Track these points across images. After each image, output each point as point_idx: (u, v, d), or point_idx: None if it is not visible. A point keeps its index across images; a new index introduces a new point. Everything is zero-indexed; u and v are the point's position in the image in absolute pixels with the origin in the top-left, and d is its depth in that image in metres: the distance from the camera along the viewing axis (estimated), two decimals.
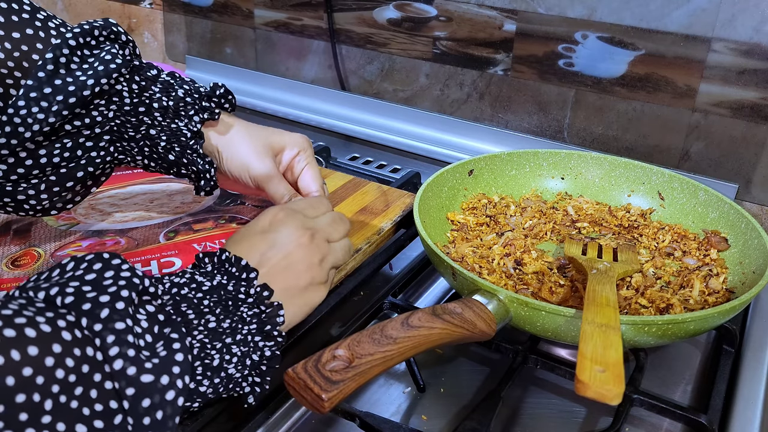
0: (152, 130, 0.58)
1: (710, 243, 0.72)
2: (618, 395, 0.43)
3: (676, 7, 0.85)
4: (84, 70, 0.53)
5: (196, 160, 0.61)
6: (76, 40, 0.54)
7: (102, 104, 0.55)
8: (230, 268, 0.50)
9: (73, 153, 0.55)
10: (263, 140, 0.64)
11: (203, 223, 0.74)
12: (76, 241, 0.69)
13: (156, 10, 1.36)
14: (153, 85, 0.58)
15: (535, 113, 1.00)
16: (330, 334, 0.65)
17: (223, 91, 0.62)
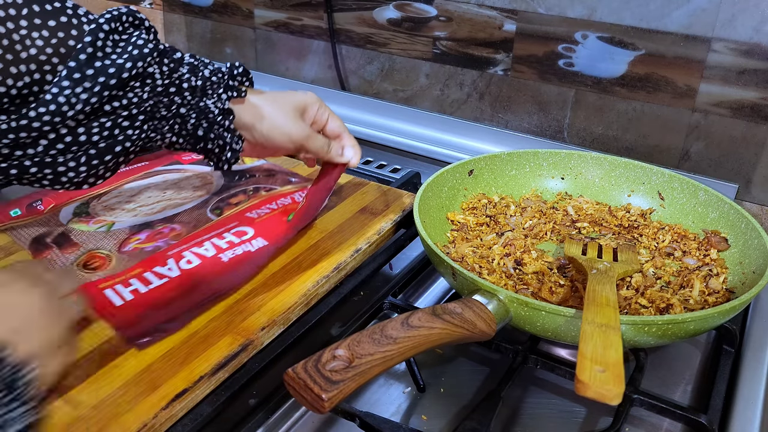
0: (182, 108, 0.61)
1: (710, 243, 0.72)
2: (618, 395, 0.43)
3: (676, 7, 0.85)
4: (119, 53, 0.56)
5: (224, 134, 0.64)
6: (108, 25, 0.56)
7: (137, 86, 0.57)
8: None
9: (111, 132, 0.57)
10: (290, 105, 0.69)
11: (237, 197, 0.78)
12: (133, 236, 0.71)
13: (156, 10, 1.36)
14: (180, 67, 0.61)
15: (535, 113, 1.00)
16: (330, 334, 0.65)
17: (242, 70, 0.67)
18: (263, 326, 0.59)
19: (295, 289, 0.64)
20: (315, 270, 0.67)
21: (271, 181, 0.82)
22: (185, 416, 0.51)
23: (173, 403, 0.50)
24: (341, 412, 0.54)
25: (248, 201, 0.78)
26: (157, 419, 0.49)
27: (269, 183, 0.82)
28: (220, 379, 0.54)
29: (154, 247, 0.69)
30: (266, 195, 0.79)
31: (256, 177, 0.83)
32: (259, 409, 0.55)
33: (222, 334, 0.57)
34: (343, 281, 0.68)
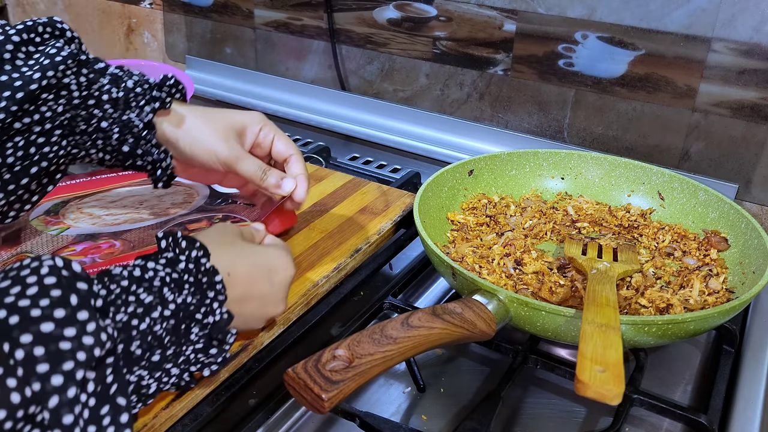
0: (103, 122, 0.57)
1: (710, 243, 0.72)
2: (618, 395, 0.43)
3: (676, 7, 0.85)
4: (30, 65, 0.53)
5: (151, 150, 0.60)
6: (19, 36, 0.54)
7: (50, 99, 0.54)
8: (201, 278, 0.48)
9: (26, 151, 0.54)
10: (223, 122, 0.62)
11: (198, 223, 0.73)
12: (70, 246, 0.68)
13: (156, 10, 1.36)
14: (101, 78, 0.57)
15: (535, 113, 1.00)
16: (330, 334, 0.65)
17: (173, 82, 0.61)
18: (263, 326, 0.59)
19: (295, 289, 0.64)
20: (315, 270, 0.67)
21: (246, 212, 0.75)
22: (185, 416, 0.51)
23: (173, 403, 0.50)
24: (341, 412, 0.54)
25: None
26: (157, 419, 0.49)
27: (243, 213, 0.75)
28: (220, 379, 0.54)
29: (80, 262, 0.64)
30: None
31: (237, 204, 0.77)
32: (259, 409, 0.55)
33: None
34: (343, 281, 0.68)
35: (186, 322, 0.46)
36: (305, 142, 1.10)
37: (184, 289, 0.46)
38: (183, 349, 0.46)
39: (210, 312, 0.47)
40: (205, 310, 0.47)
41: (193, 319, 0.46)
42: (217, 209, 0.76)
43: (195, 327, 0.47)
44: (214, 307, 0.47)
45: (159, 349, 0.44)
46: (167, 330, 0.45)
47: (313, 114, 1.15)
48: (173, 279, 0.46)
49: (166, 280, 0.46)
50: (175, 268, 0.47)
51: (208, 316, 0.47)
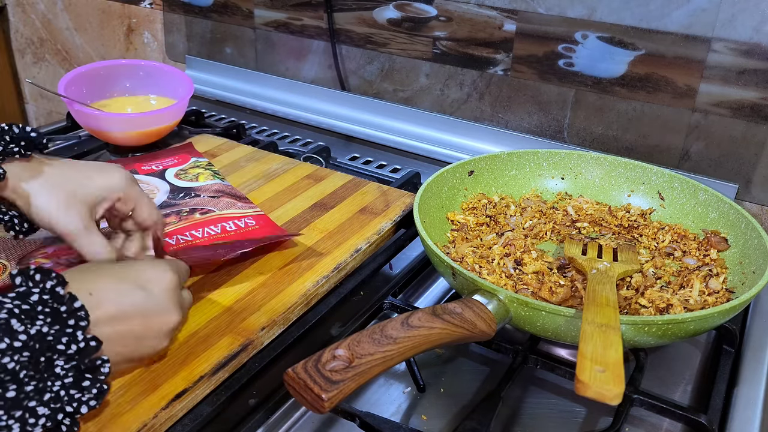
0: None
1: (710, 243, 0.72)
2: (618, 395, 0.43)
3: (676, 7, 0.85)
4: None
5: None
6: None
7: None
8: (59, 307, 0.43)
9: None
10: (71, 190, 0.56)
11: (166, 218, 0.72)
12: (40, 249, 0.66)
13: (156, 10, 1.36)
14: None
15: (535, 113, 1.00)
16: (330, 334, 0.65)
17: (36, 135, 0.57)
18: (263, 326, 0.59)
19: (295, 289, 0.64)
20: (315, 270, 0.67)
21: (213, 203, 0.75)
22: (185, 416, 0.51)
23: (173, 403, 0.50)
24: (341, 412, 0.54)
25: (177, 224, 0.71)
26: (157, 419, 0.49)
27: (210, 205, 0.74)
28: (220, 379, 0.54)
29: (53, 264, 0.62)
30: (199, 219, 0.72)
31: (201, 197, 0.76)
32: (259, 409, 0.55)
33: (222, 334, 0.57)
34: (343, 281, 0.69)
35: (46, 354, 0.41)
36: (305, 142, 1.10)
37: (37, 320, 0.42)
38: (48, 385, 0.41)
39: (73, 340, 0.42)
40: (67, 340, 0.42)
41: (55, 351, 0.42)
42: (181, 203, 0.75)
43: (59, 359, 0.42)
44: (77, 335, 0.43)
45: (13, 384, 0.40)
46: (21, 363, 0.40)
47: (313, 114, 1.15)
48: (23, 310, 0.42)
49: (15, 311, 0.41)
50: (27, 300, 0.42)
51: (71, 345, 0.42)
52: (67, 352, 0.42)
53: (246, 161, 0.90)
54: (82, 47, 1.55)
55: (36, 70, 1.68)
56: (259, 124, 1.16)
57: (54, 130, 1.07)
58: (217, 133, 1.03)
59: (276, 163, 0.90)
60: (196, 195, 0.77)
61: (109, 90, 1.05)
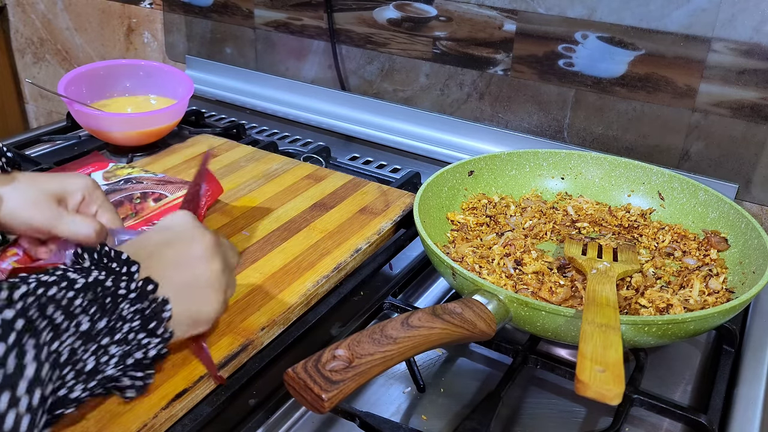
0: None
1: (710, 243, 0.72)
2: (618, 395, 0.43)
3: (676, 7, 0.85)
4: None
5: None
6: None
7: None
8: (110, 263, 0.46)
9: None
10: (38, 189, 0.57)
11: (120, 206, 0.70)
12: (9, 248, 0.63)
13: (156, 10, 1.36)
14: None
15: (535, 113, 1.00)
16: (330, 334, 0.65)
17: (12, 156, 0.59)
18: (263, 326, 0.59)
19: (295, 289, 0.64)
20: (315, 270, 0.67)
21: (161, 187, 0.73)
22: (185, 416, 0.51)
23: (173, 403, 0.50)
24: (341, 412, 0.54)
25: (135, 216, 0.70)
26: (157, 419, 0.49)
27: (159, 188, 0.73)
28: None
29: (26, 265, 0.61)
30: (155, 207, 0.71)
31: (144, 183, 0.75)
32: (259, 409, 0.55)
33: (222, 334, 0.57)
34: (343, 281, 0.69)
35: (109, 297, 0.44)
36: (305, 142, 1.10)
37: (92, 272, 0.45)
38: (118, 326, 0.44)
39: (131, 282, 0.46)
40: (125, 284, 0.45)
41: (117, 295, 0.45)
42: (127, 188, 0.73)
43: (123, 302, 0.45)
44: (133, 277, 0.46)
45: (86, 317, 0.42)
46: (88, 300, 0.43)
47: (313, 114, 1.15)
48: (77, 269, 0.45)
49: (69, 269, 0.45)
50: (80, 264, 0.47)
51: (131, 287, 0.45)
52: (128, 296, 0.45)
53: (246, 161, 0.90)
54: (82, 47, 1.55)
55: (36, 70, 1.68)
56: (259, 124, 1.16)
57: (54, 130, 1.07)
58: (217, 133, 1.03)
59: (276, 163, 0.90)
60: (138, 182, 0.75)
61: (109, 90, 1.05)
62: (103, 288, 0.44)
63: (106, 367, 0.44)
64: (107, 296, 0.44)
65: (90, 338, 0.42)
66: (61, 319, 0.41)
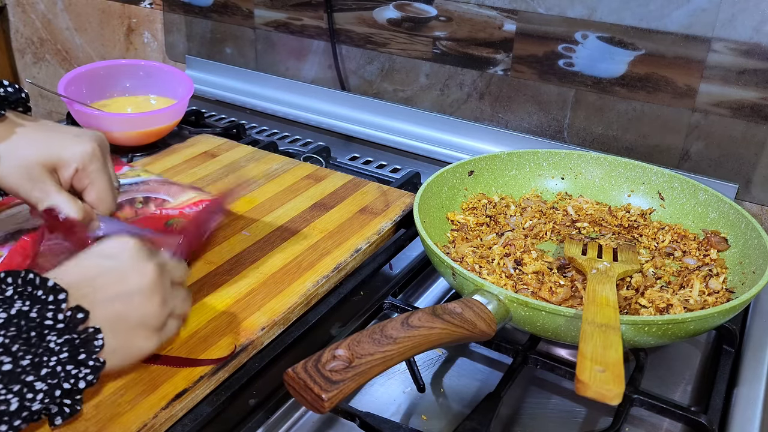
0: None
1: (710, 243, 0.72)
2: (618, 395, 0.44)
3: (676, 7, 0.85)
4: None
5: None
6: None
7: None
8: (35, 291, 0.42)
9: None
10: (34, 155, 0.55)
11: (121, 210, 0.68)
12: None
13: (156, 10, 1.36)
14: None
15: (535, 113, 1.00)
16: (330, 334, 0.65)
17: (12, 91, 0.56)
18: (263, 326, 0.59)
19: (295, 289, 0.64)
20: (315, 270, 0.67)
21: (164, 189, 0.71)
22: (185, 416, 0.51)
23: (173, 403, 0.50)
24: (341, 412, 0.54)
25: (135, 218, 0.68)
26: (157, 419, 0.49)
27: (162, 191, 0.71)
28: (220, 379, 0.54)
29: None
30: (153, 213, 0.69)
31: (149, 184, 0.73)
32: (259, 409, 0.55)
33: (222, 334, 0.57)
34: (343, 281, 0.69)
35: (36, 330, 0.41)
36: (305, 142, 1.10)
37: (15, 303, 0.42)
38: (44, 360, 0.41)
39: (57, 311, 0.42)
40: (52, 314, 0.42)
41: (43, 326, 0.41)
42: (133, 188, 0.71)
43: (51, 334, 0.42)
44: (61, 307, 0.42)
45: (8, 357, 0.40)
46: (10, 338, 0.40)
47: (313, 114, 1.15)
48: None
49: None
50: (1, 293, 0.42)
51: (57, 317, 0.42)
52: (56, 326, 0.42)
53: (246, 161, 0.90)
54: (82, 47, 1.55)
55: (36, 70, 1.68)
56: (259, 124, 1.16)
57: None
58: (217, 133, 1.03)
59: (276, 163, 0.90)
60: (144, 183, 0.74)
61: (109, 90, 1.05)
62: (27, 320, 0.41)
63: (32, 404, 0.41)
64: (32, 329, 0.41)
65: (13, 378, 0.40)
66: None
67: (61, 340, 0.42)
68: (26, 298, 0.42)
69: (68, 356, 0.42)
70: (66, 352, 0.42)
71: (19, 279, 0.43)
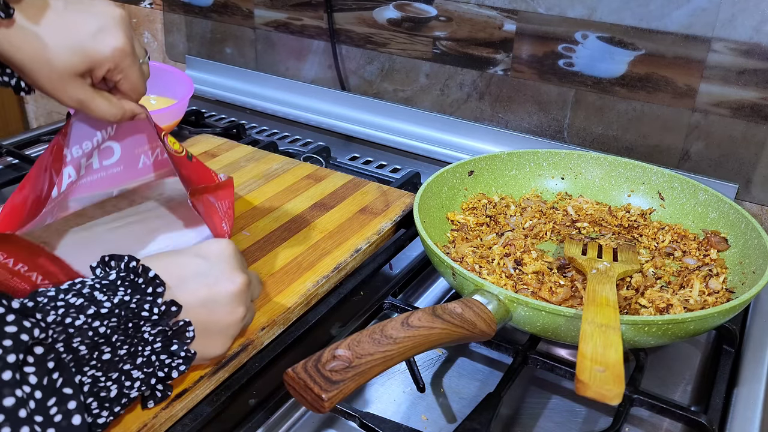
0: None
1: (710, 243, 0.72)
2: (618, 395, 0.43)
3: (676, 7, 0.85)
4: None
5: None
6: None
7: None
8: (136, 279, 0.46)
9: None
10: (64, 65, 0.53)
11: None
12: None
13: (156, 10, 1.36)
14: None
15: (535, 113, 1.00)
16: (330, 334, 0.65)
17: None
18: (263, 326, 0.59)
19: (295, 289, 0.64)
20: (315, 270, 0.67)
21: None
22: (185, 416, 0.51)
23: (173, 403, 0.50)
24: (341, 412, 0.54)
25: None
26: (157, 419, 0.49)
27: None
28: (220, 379, 0.54)
29: None
30: None
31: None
32: (259, 409, 0.55)
33: None
34: (343, 281, 0.69)
35: (133, 320, 0.44)
36: (305, 142, 1.10)
37: (118, 290, 0.44)
38: (140, 350, 0.44)
39: (154, 305, 0.45)
40: (149, 306, 0.45)
41: (140, 317, 0.44)
42: None
43: (146, 325, 0.45)
44: (157, 300, 0.45)
45: (108, 347, 0.42)
46: (111, 328, 0.43)
47: (313, 114, 1.15)
48: (104, 285, 0.45)
49: (96, 285, 0.44)
50: (106, 277, 0.46)
51: (153, 310, 0.45)
52: (151, 318, 0.45)
53: (246, 161, 0.90)
54: None
55: None
56: (259, 124, 1.16)
57: (54, 130, 1.07)
58: (217, 133, 1.03)
59: (276, 163, 0.90)
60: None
61: None
62: (126, 311, 0.44)
63: (130, 391, 0.44)
64: (130, 320, 0.44)
65: (112, 366, 0.43)
66: (85, 351, 0.41)
67: (155, 330, 0.45)
68: (128, 286, 0.45)
69: (161, 346, 0.45)
70: (159, 342, 0.45)
71: (122, 264, 0.46)
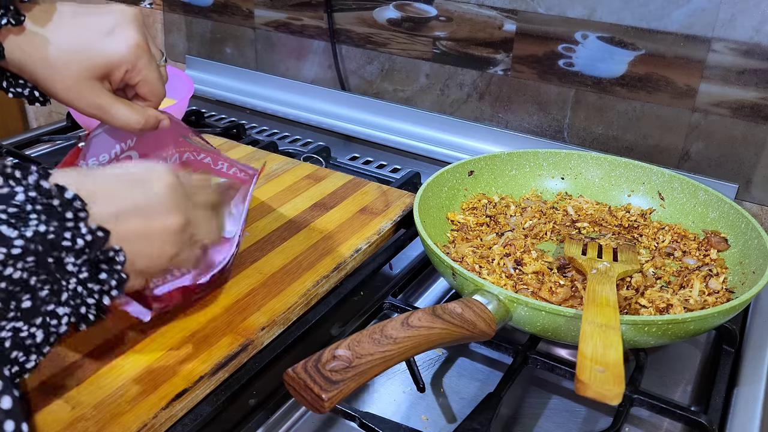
0: None
1: (710, 243, 0.72)
2: (618, 395, 0.44)
3: (676, 7, 0.85)
4: None
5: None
6: None
7: None
8: (51, 201, 0.39)
9: None
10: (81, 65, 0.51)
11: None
12: None
13: (156, 10, 1.36)
14: None
15: (535, 113, 1.00)
16: (330, 334, 0.65)
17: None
18: (263, 326, 0.59)
19: (295, 289, 0.64)
20: (315, 270, 0.67)
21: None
22: (185, 416, 0.51)
23: (173, 403, 0.50)
24: (341, 412, 0.54)
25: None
26: (157, 419, 0.49)
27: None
28: (220, 379, 0.54)
29: None
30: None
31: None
32: (259, 409, 0.55)
33: (222, 334, 0.57)
34: (343, 281, 0.69)
35: (53, 254, 0.38)
36: (305, 142, 1.10)
37: (30, 220, 0.37)
38: (63, 285, 0.39)
39: (77, 234, 0.39)
40: (71, 234, 0.39)
41: (61, 248, 0.38)
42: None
43: (68, 256, 0.39)
44: (79, 227, 0.39)
45: (27, 294, 0.37)
46: (28, 270, 0.37)
47: (313, 114, 1.15)
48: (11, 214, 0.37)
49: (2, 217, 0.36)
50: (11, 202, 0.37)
51: (76, 240, 0.39)
52: (74, 247, 0.39)
53: (246, 161, 0.90)
54: None
55: None
56: (259, 124, 1.16)
57: (54, 130, 1.07)
58: (217, 133, 1.03)
59: (276, 163, 0.90)
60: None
61: None
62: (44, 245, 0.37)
63: (58, 329, 0.39)
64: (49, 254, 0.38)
65: (34, 312, 0.38)
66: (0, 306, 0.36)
67: (79, 261, 0.40)
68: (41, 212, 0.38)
69: (88, 275, 0.40)
70: (86, 271, 0.40)
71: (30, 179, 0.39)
